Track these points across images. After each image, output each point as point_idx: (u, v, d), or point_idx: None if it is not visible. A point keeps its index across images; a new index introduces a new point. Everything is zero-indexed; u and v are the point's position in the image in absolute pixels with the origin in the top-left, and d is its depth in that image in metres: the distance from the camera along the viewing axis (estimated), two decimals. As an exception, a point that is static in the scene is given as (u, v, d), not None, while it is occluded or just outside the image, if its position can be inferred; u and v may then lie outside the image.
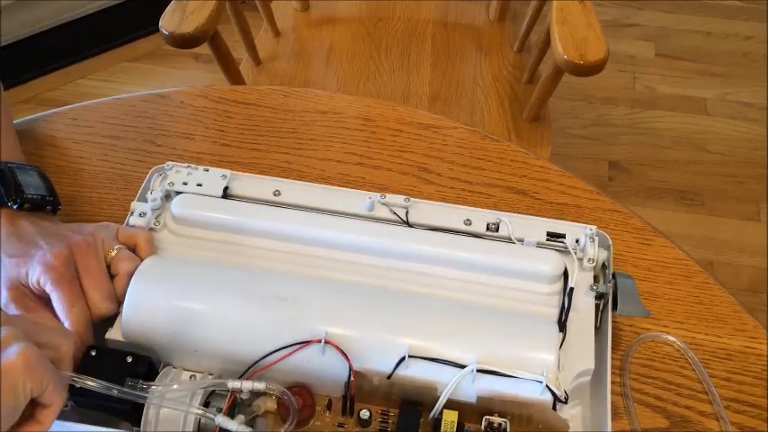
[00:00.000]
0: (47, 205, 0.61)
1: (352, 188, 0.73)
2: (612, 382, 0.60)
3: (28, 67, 1.76)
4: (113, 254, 0.56)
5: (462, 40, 1.22)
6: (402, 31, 1.23)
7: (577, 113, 1.75)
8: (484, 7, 1.26)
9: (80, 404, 0.51)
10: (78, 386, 0.48)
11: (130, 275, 0.54)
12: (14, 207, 0.58)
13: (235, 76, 1.05)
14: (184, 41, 0.90)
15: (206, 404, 0.51)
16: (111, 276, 0.55)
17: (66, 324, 0.52)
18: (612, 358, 0.61)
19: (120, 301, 0.55)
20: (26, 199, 0.59)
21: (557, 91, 1.02)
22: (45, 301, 0.54)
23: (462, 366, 0.51)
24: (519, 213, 0.71)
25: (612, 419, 0.58)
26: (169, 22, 0.90)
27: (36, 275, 0.53)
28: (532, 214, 0.71)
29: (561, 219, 0.71)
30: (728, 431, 0.58)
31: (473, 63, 1.18)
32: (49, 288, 0.52)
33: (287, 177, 0.74)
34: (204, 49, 0.95)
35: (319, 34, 1.23)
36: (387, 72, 1.17)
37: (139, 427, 0.50)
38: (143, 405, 0.50)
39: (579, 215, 0.71)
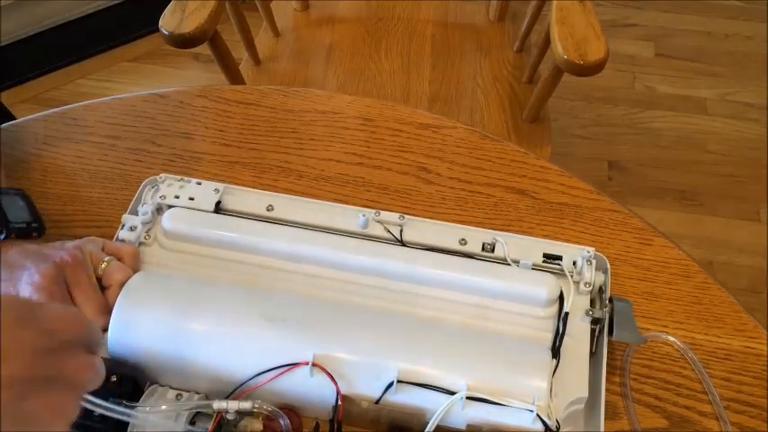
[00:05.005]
0: (32, 232, 0.60)
1: (351, 188, 0.73)
2: (612, 383, 0.60)
3: (28, 67, 1.77)
4: (104, 266, 0.55)
5: (462, 40, 1.22)
6: (402, 31, 1.23)
7: (577, 113, 1.75)
8: (484, 7, 1.26)
9: None
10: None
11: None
12: (2, 238, 0.57)
13: (235, 76, 1.05)
14: (184, 41, 0.90)
15: (191, 424, 0.50)
16: (103, 288, 0.55)
17: None
18: (612, 358, 0.61)
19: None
20: (12, 229, 0.58)
21: (557, 91, 1.01)
22: None
23: (452, 393, 0.50)
24: (518, 213, 0.71)
25: (612, 420, 0.59)
26: (169, 22, 0.90)
27: (26, 296, 0.51)
28: (532, 214, 0.71)
29: (561, 219, 0.71)
30: (728, 431, 0.58)
31: (473, 63, 1.18)
32: None
33: (286, 177, 0.74)
34: (204, 49, 0.95)
35: (319, 34, 1.23)
36: (387, 72, 1.17)
37: None
38: (126, 426, 0.49)
39: (579, 215, 0.71)
